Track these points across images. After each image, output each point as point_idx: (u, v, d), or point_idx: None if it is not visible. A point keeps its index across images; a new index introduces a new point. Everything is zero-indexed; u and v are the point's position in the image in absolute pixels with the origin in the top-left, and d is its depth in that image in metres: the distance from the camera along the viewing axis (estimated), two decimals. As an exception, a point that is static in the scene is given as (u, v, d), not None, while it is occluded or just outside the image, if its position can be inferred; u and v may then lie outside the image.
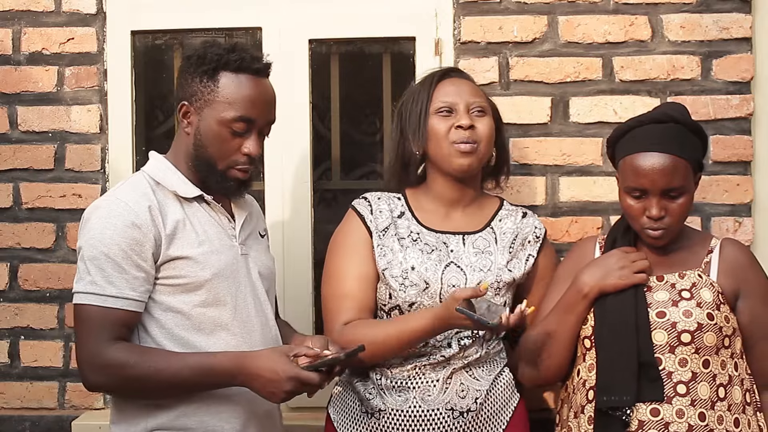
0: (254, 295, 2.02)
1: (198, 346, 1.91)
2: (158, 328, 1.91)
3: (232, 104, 1.92)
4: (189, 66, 1.96)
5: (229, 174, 1.96)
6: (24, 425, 2.58)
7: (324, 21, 2.60)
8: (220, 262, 1.95)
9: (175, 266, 1.91)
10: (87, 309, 1.86)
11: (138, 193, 1.92)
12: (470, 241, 2.19)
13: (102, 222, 1.87)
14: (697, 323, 1.98)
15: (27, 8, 2.61)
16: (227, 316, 1.95)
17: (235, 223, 2.03)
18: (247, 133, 1.95)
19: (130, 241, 1.86)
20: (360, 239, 2.17)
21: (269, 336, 2.03)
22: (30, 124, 2.61)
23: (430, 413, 2.09)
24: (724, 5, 2.51)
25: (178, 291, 1.92)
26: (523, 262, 2.21)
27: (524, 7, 2.54)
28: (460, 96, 2.15)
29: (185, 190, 1.96)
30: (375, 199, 2.23)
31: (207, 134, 1.94)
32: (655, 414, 1.97)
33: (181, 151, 1.99)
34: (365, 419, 2.13)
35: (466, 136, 2.12)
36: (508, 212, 2.26)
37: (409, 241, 2.16)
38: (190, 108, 1.95)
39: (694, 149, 2.04)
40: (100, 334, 1.84)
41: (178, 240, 1.91)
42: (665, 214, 2.01)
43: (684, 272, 2.06)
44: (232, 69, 1.93)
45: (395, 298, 2.12)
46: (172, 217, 1.92)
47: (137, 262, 1.87)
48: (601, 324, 2.03)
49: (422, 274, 2.11)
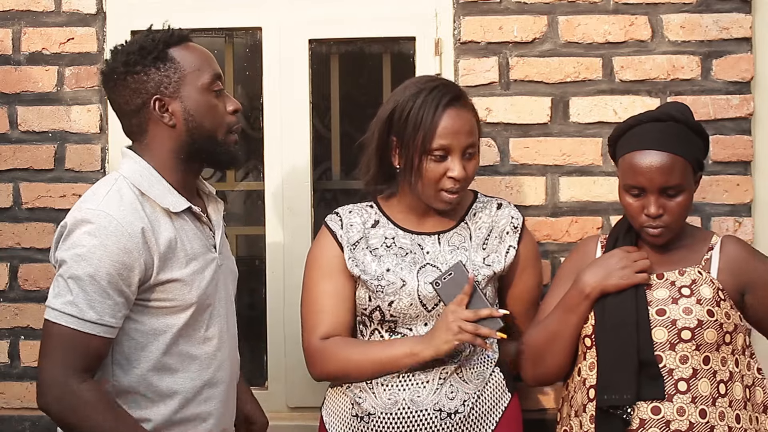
0: (228, 307, 2.02)
1: (168, 366, 1.87)
2: (132, 348, 1.85)
3: (201, 69, 1.90)
4: (130, 66, 1.87)
5: (229, 140, 1.94)
6: (24, 425, 2.58)
7: (324, 21, 2.60)
8: (204, 279, 1.91)
9: (164, 289, 1.85)
10: (61, 329, 1.76)
11: (129, 210, 1.82)
12: (445, 239, 2.20)
13: (92, 240, 1.77)
14: (697, 320, 1.99)
15: (27, 8, 2.61)
16: (200, 335, 1.91)
17: (215, 231, 2.00)
18: (222, 91, 1.94)
19: (119, 266, 1.78)
20: (332, 256, 2.20)
21: (233, 343, 2.04)
22: (30, 124, 2.61)
23: (419, 414, 2.10)
24: (724, 5, 2.51)
25: (162, 313, 1.86)
26: (503, 254, 2.21)
27: (524, 7, 2.54)
28: (457, 138, 2.09)
29: (174, 203, 1.88)
30: (346, 213, 2.25)
31: (198, 108, 1.89)
32: (656, 412, 1.97)
33: (164, 149, 1.90)
34: (355, 422, 2.14)
35: (456, 186, 2.11)
36: (483, 204, 2.27)
37: (383, 250, 2.18)
38: (164, 98, 1.88)
39: (693, 148, 2.04)
40: (71, 359, 1.75)
41: (170, 261, 1.85)
42: (663, 212, 2.01)
43: (684, 269, 2.06)
44: (174, 43, 1.91)
45: (374, 299, 2.14)
46: (164, 237, 1.85)
47: (121, 288, 1.79)
48: (602, 323, 2.03)
49: (398, 273, 2.14)
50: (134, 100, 1.88)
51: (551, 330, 2.10)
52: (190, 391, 1.90)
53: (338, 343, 2.16)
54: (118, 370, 1.86)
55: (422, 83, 2.14)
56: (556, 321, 2.10)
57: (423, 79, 2.20)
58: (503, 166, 2.54)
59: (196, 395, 1.91)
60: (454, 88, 2.17)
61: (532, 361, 2.14)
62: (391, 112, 2.13)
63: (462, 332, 2.01)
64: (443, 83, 2.16)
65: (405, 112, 2.10)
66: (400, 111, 2.11)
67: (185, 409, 1.90)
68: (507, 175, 2.54)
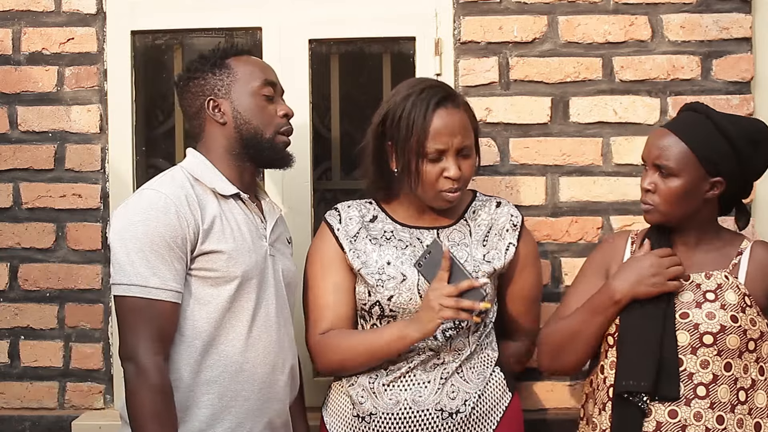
0: (277, 295, 2.08)
1: (215, 338, 1.97)
2: (182, 317, 1.96)
3: (253, 75, 2.09)
4: (193, 72, 2.09)
5: (277, 140, 2.09)
6: (24, 425, 2.58)
7: (324, 21, 2.60)
8: (251, 259, 2.02)
9: (209, 259, 1.97)
10: (131, 301, 1.90)
11: (176, 185, 1.99)
12: (444, 235, 2.21)
13: (144, 214, 1.92)
14: (720, 325, 1.97)
15: (27, 8, 2.61)
16: (248, 314, 2.01)
17: (266, 223, 2.11)
18: (275, 97, 2.11)
19: (172, 232, 1.92)
20: (331, 251, 2.21)
21: (286, 337, 2.11)
22: (30, 124, 2.61)
23: (420, 414, 2.10)
24: (724, 5, 2.51)
25: (207, 284, 1.97)
26: (503, 252, 2.21)
27: (524, 7, 2.54)
28: (450, 138, 2.09)
29: (223, 188, 2.04)
30: (345, 208, 2.26)
31: (247, 109, 2.06)
32: (672, 416, 1.96)
33: (217, 146, 2.08)
34: (357, 423, 2.14)
35: (454, 186, 2.11)
36: (482, 203, 2.27)
37: (383, 240, 2.20)
38: (217, 99, 2.07)
39: (710, 146, 2.00)
40: (144, 329, 1.88)
41: (214, 234, 1.98)
42: (654, 189, 2.02)
43: (711, 273, 2.05)
44: (233, 54, 2.11)
45: (374, 294, 2.14)
46: (210, 212, 1.99)
47: (178, 254, 1.93)
48: (626, 325, 2.02)
49: (398, 267, 2.14)
50: (194, 102, 2.09)
51: (574, 329, 2.08)
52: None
53: (335, 335, 2.17)
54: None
55: (411, 86, 2.14)
56: (579, 321, 2.08)
57: (413, 81, 2.19)
58: (503, 166, 2.54)
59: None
60: (443, 88, 2.15)
61: (550, 355, 2.14)
62: (383, 118, 2.14)
63: (444, 309, 2.00)
64: (431, 84, 2.15)
65: (396, 116, 2.11)
66: (392, 116, 2.12)
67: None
68: (507, 175, 2.54)
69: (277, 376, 2.07)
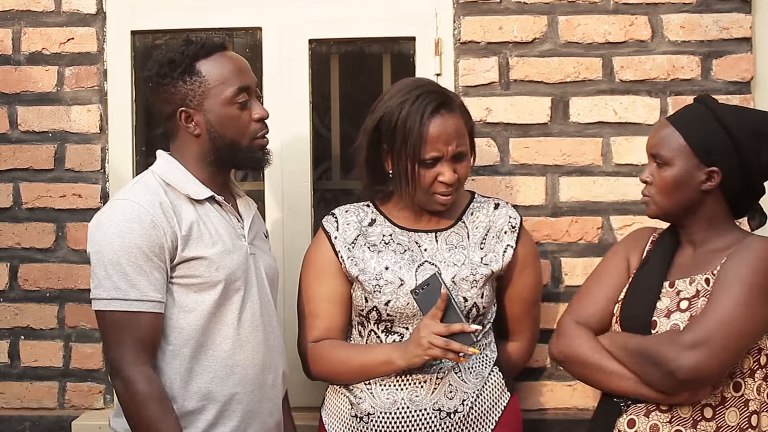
0: (261, 294, 2.07)
1: (203, 344, 1.96)
2: (167, 326, 1.94)
3: (225, 82, 1.99)
4: (161, 78, 2.00)
5: (254, 145, 2.04)
6: (24, 425, 2.58)
7: (324, 21, 2.59)
8: (233, 262, 1.99)
9: (190, 266, 1.95)
10: (109, 315, 1.89)
11: (150, 193, 1.95)
12: (443, 238, 2.21)
13: (119, 226, 1.89)
14: None
15: (27, 8, 2.61)
16: (234, 316, 1.99)
17: (243, 222, 2.08)
18: (249, 102, 2.03)
19: (149, 242, 1.89)
20: (326, 260, 2.21)
21: (272, 335, 2.09)
22: (30, 124, 2.61)
23: (418, 413, 2.10)
24: (724, 5, 2.51)
25: (191, 291, 1.96)
26: (501, 254, 2.21)
27: (524, 7, 2.54)
28: (445, 145, 2.09)
29: (196, 191, 2.00)
30: (342, 213, 2.26)
31: (220, 121, 2.00)
32: (631, 425, 1.94)
33: (189, 153, 2.03)
34: (355, 422, 2.15)
35: (449, 190, 2.12)
36: (480, 204, 2.27)
37: (382, 245, 2.19)
38: (189, 110, 2.00)
39: (703, 134, 1.95)
40: (127, 341, 1.87)
41: (193, 241, 1.95)
42: (651, 181, 2.01)
43: (694, 277, 1.97)
44: (203, 56, 2.00)
45: (371, 300, 2.14)
46: (186, 218, 1.96)
47: (157, 264, 1.90)
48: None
49: (396, 272, 2.14)
50: (165, 108, 2.03)
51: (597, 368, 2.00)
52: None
53: (327, 346, 2.18)
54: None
55: (407, 91, 2.12)
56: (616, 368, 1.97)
57: (408, 84, 2.16)
58: (503, 166, 2.54)
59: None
60: (438, 94, 2.13)
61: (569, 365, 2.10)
62: (378, 122, 2.13)
63: (432, 347, 2.00)
64: (426, 90, 2.12)
65: (392, 122, 2.10)
66: (387, 121, 2.11)
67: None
68: (507, 175, 2.54)
69: (267, 376, 2.06)
